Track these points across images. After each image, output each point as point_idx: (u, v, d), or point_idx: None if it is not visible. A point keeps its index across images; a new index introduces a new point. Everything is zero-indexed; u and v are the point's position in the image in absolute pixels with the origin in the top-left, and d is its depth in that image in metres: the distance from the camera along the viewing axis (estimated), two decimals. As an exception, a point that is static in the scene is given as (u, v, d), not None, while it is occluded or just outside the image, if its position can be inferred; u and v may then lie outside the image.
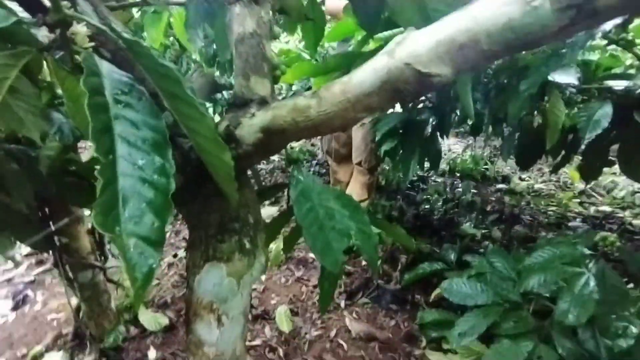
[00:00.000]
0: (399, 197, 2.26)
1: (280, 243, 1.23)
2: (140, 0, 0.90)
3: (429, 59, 0.33)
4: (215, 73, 1.90)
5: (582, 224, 2.00)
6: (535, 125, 1.25)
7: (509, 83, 1.16)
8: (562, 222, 2.05)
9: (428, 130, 1.38)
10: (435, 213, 2.06)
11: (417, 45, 0.34)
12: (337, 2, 1.37)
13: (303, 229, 0.52)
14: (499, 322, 0.93)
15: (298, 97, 0.45)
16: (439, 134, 1.43)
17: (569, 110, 1.09)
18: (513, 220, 2.03)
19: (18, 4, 0.40)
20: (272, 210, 2.04)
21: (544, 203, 2.34)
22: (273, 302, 1.44)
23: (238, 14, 0.52)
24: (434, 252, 1.53)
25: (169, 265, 1.67)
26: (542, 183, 2.76)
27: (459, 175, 2.83)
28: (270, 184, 2.16)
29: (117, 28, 0.42)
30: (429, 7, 0.58)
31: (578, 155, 1.31)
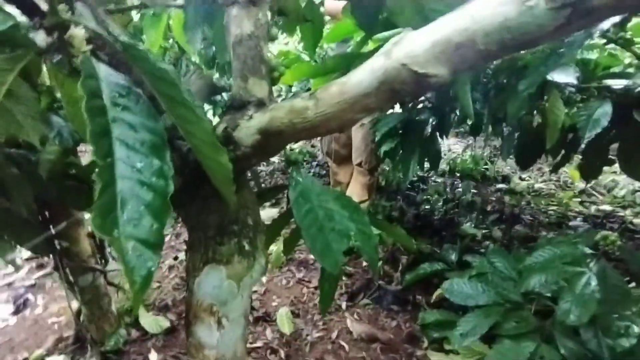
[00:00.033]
0: (399, 197, 2.26)
1: (281, 245, 1.23)
2: (139, 3, 0.90)
3: (426, 59, 0.33)
4: (215, 75, 1.91)
5: (582, 223, 2.00)
6: (535, 125, 1.25)
7: (508, 83, 1.16)
8: (562, 221, 2.05)
9: (428, 131, 1.38)
10: (436, 213, 2.05)
11: (413, 46, 0.34)
12: (336, 2, 1.37)
13: (302, 231, 0.52)
14: (501, 322, 0.93)
15: (295, 98, 0.45)
16: (439, 134, 1.43)
17: (569, 110, 1.09)
18: (513, 220, 2.02)
19: (16, 8, 0.40)
20: (272, 212, 2.04)
21: (545, 202, 2.33)
22: (274, 304, 1.44)
23: (235, 16, 0.52)
24: (435, 252, 1.53)
25: (170, 268, 1.67)
26: (542, 182, 2.76)
27: (459, 176, 2.83)
28: (270, 186, 2.16)
29: (114, 31, 0.42)
30: (427, 7, 0.59)
31: (578, 155, 1.31)
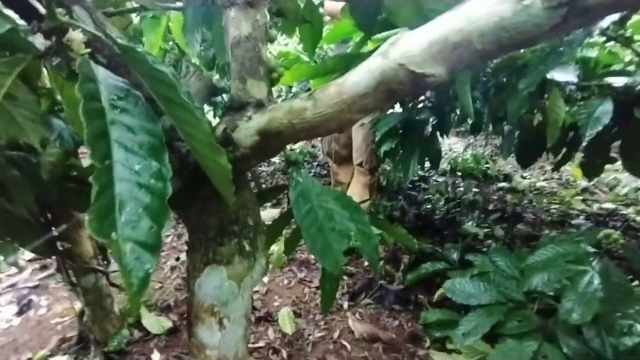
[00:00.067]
0: (401, 197, 2.26)
1: (282, 245, 1.23)
2: (139, 6, 0.90)
3: (423, 59, 0.33)
4: (215, 76, 1.91)
5: (585, 222, 1.99)
6: (536, 123, 1.25)
7: (508, 81, 1.16)
8: (565, 219, 2.04)
9: (428, 130, 1.38)
10: (437, 212, 2.05)
11: (410, 46, 0.34)
12: (337, 3, 1.37)
13: (302, 231, 0.52)
14: (503, 321, 0.92)
15: (294, 99, 0.45)
16: (439, 134, 1.42)
17: (569, 108, 1.09)
18: (515, 219, 2.02)
19: (14, 11, 0.40)
20: (273, 212, 2.05)
21: (547, 201, 2.33)
22: (276, 304, 1.44)
23: (233, 18, 0.52)
24: (437, 251, 1.52)
25: (172, 269, 1.67)
26: (544, 181, 2.75)
27: (461, 175, 2.82)
28: (271, 186, 2.16)
29: (112, 34, 0.42)
30: (426, 7, 0.58)
31: (580, 153, 1.31)
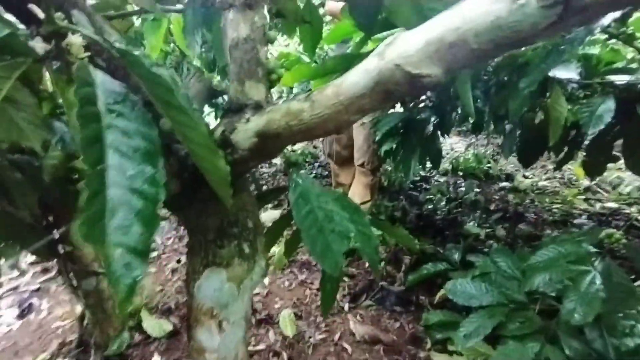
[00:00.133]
0: (402, 197, 2.25)
1: (283, 246, 1.23)
2: (139, 9, 0.91)
3: (419, 60, 0.33)
4: (216, 78, 1.91)
5: (587, 221, 1.98)
6: (537, 122, 1.24)
7: (509, 80, 1.15)
8: (567, 219, 2.03)
9: (429, 130, 1.38)
10: (439, 213, 2.04)
11: (407, 46, 0.34)
12: (337, 3, 1.37)
13: (302, 232, 0.52)
14: (505, 322, 0.92)
15: (292, 101, 0.45)
16: (440, 133, 1.42)
17: (571, 106, 1.08)
18: (517, 219, 2.01)
19: (13, 16, 0.40)
20: (274, 214, 2.04)
21: (549, 200, 2.31)
22: (277, 306, 1.44)
23: (232, 20, 0.52)
24: (438, 252, 1.52)
25: (173, 271, 1.67)
26: (546, 180, 2.73)
27: (462, 174, 2.81)
28: (271, 187, 2.16)
29: (110, 38, 0.42)
30: (426, 7, 0.58)
31: (582, 151, 1.30)
